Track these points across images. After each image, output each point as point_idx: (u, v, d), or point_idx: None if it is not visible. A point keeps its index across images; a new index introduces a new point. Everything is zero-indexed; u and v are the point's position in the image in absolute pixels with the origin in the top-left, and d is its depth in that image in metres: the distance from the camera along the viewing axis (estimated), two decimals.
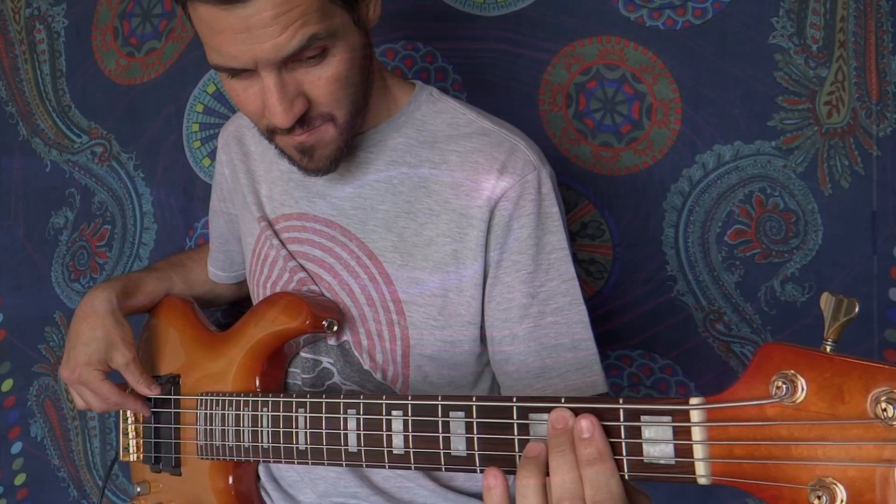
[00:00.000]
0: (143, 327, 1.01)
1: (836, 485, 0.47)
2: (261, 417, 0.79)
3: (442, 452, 0.65)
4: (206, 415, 0.86)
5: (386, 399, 0.69)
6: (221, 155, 1.00)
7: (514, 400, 0.62)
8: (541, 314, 0.80)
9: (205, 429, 0.86)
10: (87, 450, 1.38)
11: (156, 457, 0.93)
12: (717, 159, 0.98)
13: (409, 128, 0.85)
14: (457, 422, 0.64)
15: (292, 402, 0.77)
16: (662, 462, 0.54)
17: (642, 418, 0.55)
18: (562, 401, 0.58)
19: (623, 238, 1.04)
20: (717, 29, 0.97)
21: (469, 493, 0.88)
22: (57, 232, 1.36)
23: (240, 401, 0.82)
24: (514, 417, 0.61)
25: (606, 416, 0.56)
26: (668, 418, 0.54)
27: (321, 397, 0.74)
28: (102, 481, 1.36)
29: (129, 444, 0.96)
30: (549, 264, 0.80)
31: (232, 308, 1.19)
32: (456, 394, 0.68)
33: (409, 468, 0.68)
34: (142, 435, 0.95)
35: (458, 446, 0.64)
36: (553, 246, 0.81)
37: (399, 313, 0.83)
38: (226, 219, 1.03)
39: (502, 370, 0.83)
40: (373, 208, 0.84)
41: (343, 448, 0.72)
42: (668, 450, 0.54)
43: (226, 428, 0.83)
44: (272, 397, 0.79)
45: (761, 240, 0.97)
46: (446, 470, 0.65)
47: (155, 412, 0.93)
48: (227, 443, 0.83)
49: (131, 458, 0.96)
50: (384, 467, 0.69)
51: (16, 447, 1.41)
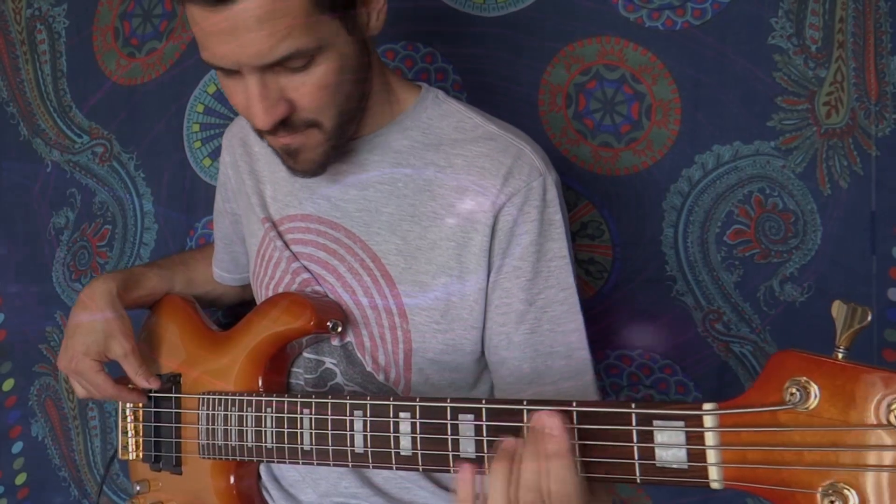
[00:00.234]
0: (142, 325, 1.01)
1: (848, 490, 0.47)
2: (264, 418, 0.80)
3: (451, 454, 0.65)
4: (208, 414, 0.86)
5: (393, 400, 0.69)
6: (225, 156, 1.00)
7: (524, 403, 0.62)
8: (537, 321, 0.80)
9: (207, 428, 0.86)
10: (87, 449, 1.38)
11: (156, 455, 0.93)
12: (716, 159, 0.98)
13: (414, 130, 0.85)
14: (466, 424, 0.64)
15: (297, 402, 0.77)
16: (675, 466, 0.54)
17: (655, 423, 0.55)
18: (573, 404, 0.59)
19: (623, 238, 1.04)
20: (717, 29, 0.97)
21: None
22: (58, 232, 1.36)
23: (243, 400, 0.82)
24: (525, 420, 0.62)
25: (618, 420, 0.57)
26: (680, 423, 0.54)
27: (326, 398, 0.74)
28: (101, 478, 1.36)
29: (128, 442, 0.96)
30: (549, 272, 0.80)
31: (233, 308, 1.19)
32: (456, 395, 0.68)
33: (417, 469, 0.68)
34: (141, 434, 0.95)
35: (468, 448, 0.65)
36: (554, 253, 0.81)
37: (402, 316, 0.83)
38: (231, 219, 1.02)
39: (497, 374, 0.84)
40: (377, 211, 0.84)
41: (349, 449, 0.72)
42: (681, 454, 0.54)
43: (228, 428, 0.83)
44: (276, 397, 0.79)
45: (760, 240, 0.97)
46: (455, 472, 0.65)
47: (155, 411, 0.93)
48: (229, 442, 0.83)
49: (130, 457, 0.96)
50: (391, 468, 0.69)
51: (17, 447, 1.41)
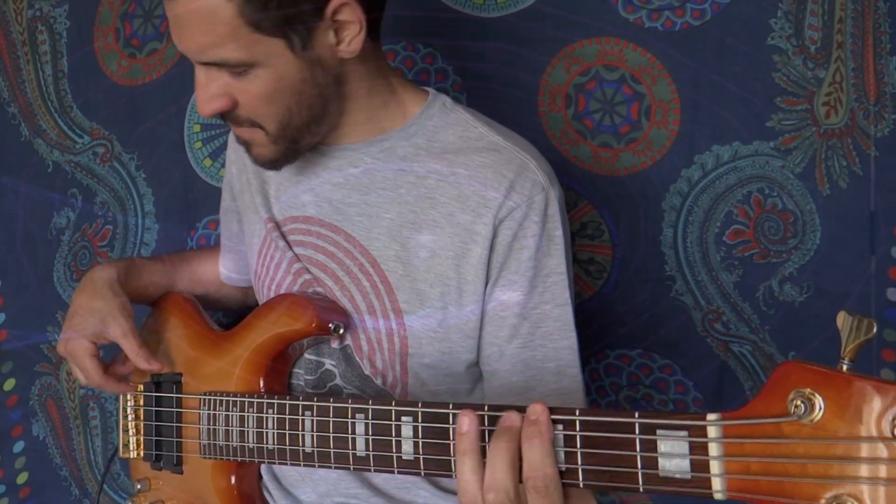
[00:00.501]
0: (144, 323, 1.00)
1: (851, 502, 0.47)
2: (266, 419, 0.80)
3: (453, 460, 0.64)
4: (209, 414, 0.86)
5: (396, 405, 0.69)
6: (231, 153, 1.00)
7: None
8: (531, 336, 0.80)
9: (208, 428, 0.86)
10: (88, 449, 1.39)
11: (156, 454, 0.93)
12: (715, 160, 0.99)
13: (419, 137, 0.84)
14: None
15: (298, 404, 0.77)
16: (678, 476, 0.54)
17: (658, 432, 0.55)
18: (576, 413, 0.59)
19: (622, 238, 1.04)
20: (716, 30, 0.97)
21: None
22: (59, 232, 1.36)
23: (244, 401, 0.82)
24: None
25: (621, 429, 0.56)
26: (684, 433, 0.54)
27: (328, 400, 0.74)
28: (101, 476, 1.36)
29: (129, 440, 0.96)
30: (545, 288, 0.80)
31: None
32: (453, 400, 0.68)
33: (419, 474, 0.68)
34: (142, 432, 0.95)
35: None
36: (551, 269, 0.80)
37: (399, 322, 0.83)
38: (238, 218, 1.02)
39: (488, 384, 0.84)
40: (378, 216, 0.84)
41: (351, 452, 0.72)
42: (685, 464, 0.54)
43: (230, 428, 0.83)
44: (278, 399, 0.79)
45: (759, 240, 0.98)
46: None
47: (156, 410, 0.93)
48: (230, 443, 0.83)
49: (131, 455, 0.96)
50: (393, 472, 0.69)
51: (18, 446, 1.42)
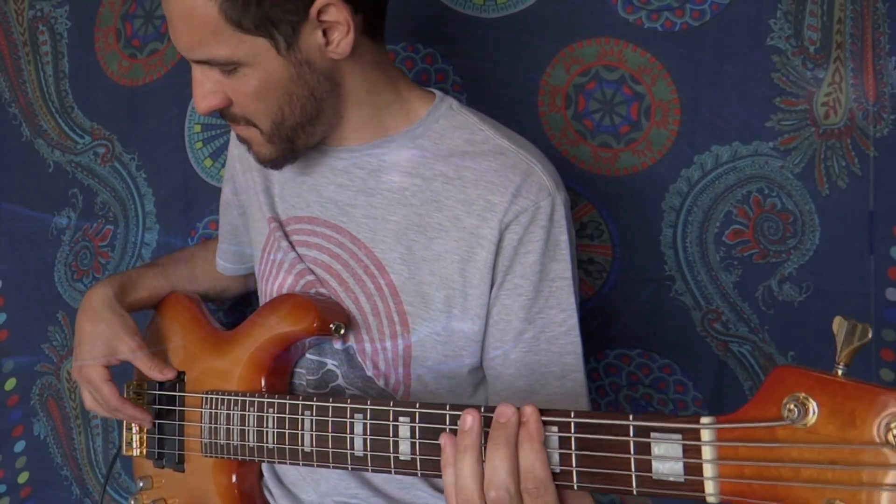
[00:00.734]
0: (147, 324, 1.01)
1: None
2: (266, 418, 0.80)
3: None
4: (210, 413, 0.86)
5: (393, 405, 0.69)
6: (233, 150, 1.00)
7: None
8: (535, 340, 0.80)
9: (209, 427, 0.86)
10: (89, 448, 1.39)
11: (159, 452, 0.94)
12: (715, 160, 0.99)
13: (425, 140, 0.84)
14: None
15: (298, 404, 0.77)
16: (672, 479, 0.54)
17: (652, 435, 0.55)
18: (571, 415, 0.59)
19: (622, 238, 1.04)
20: (715, 30, 0.97)
21: None
22: (60, 232, 1.36)
23: (245, 400, 0.83)
24: None
25: (616, 431, 0.57)
26: (678, 436, 0.54)
27: (328, 400, 0.74)
28: (104, 475, 1.36)
29: (132, 438, 0.96)
30: (550, 292, 0.80)
31: (235, 308, 1.20)
32: (455, 402, 0.68)
33: (416, 474, 0.68)
34: (145, 430, 0.96)
35: None
36: (556, 274, 0.80)
37: (403, 325, 0.83)
38: (240, 211, 1.02)
39: (492, 387, 0.84)
40: (384, 218, 0.84)
41: (349, 452, 0.72)
42: (678, 467, 0.54)
43: (231, 427, 0.84)
44: (278, 398, 0.79)
45: (759, 240, 0.98)
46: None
47: (159, 408, 0.93)
48: (231, 442, 0.84)
49: (134, 453, 0.96)
50: (390, 472, 0.69)
51: (19, 446, 1.42)
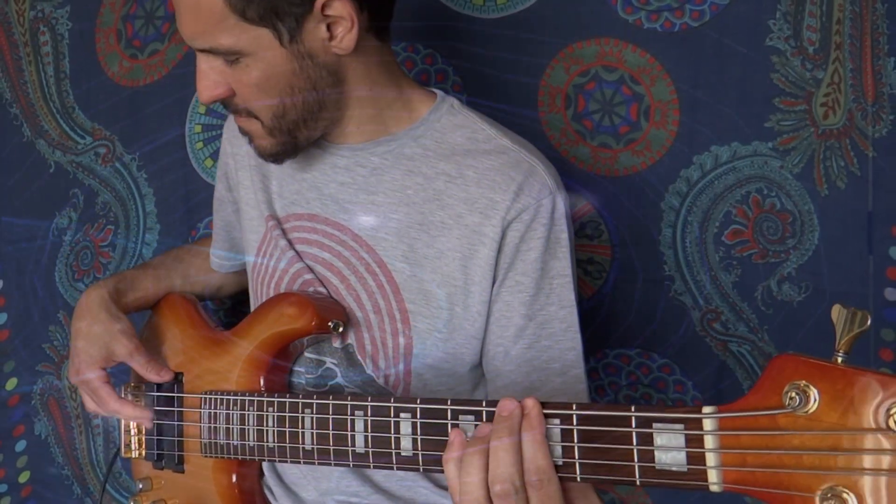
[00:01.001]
0: (144, 326, 1.01)
1: (846, 493, 0.47)
2: (266, 417, 0.80)
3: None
4: (210, 413, 0.86)
5: (394, 401, 0.69)
6: (227, 146, 1.00)
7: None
8: (536, 337, 0.81)
9: (209, 427, 0.87)
10: (90, 448, 1.39)
11: (158, 454, 0.93)
12: (714, 160, 0.99)
13: (427, 138, 0.85)
14: (467, 425, 0.64)
15: (298, 402, 0.77)
16: (674, 469, 0.54)
17: (654, 426, 0.55)
18: (573, 407, 0.59)
19: (621, 238, 1.04)
20: (715, 31, 0.97)
21: None
22: (61, 232, 1.37)
23: (245, 400, 0.83)
24: None
25: (618, 422, 0.57)
26: (680, 426, 0.54)
27: (328, 398, 0.75)
28: (104, 476, 1.36)
29: (131, 440, 0.96)
30: (551, 289, 0.81)
31: (235, 308, 1.20)
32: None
33: (418, 470, 0.69)
34: (144, 432, 0.95)
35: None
36: (557, 272, 0.81)
37: (404, 322, 0.83)
38: (234, 207, 1.02)
39: (492, 384, 0.84)
40: (385, 216, 0.84)
41: (350, 449, 0.72)
42: (681, 457, 0.54)
43: (230, 427, 0.84)
44: (278, 397, 0.79)
45: (758, 240, 0.98)
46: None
47: (158, 409, 0.93)
48: (231, 441, 0.84)
49: (133, 455, 0.96)
50: (392, 469, 0.70)
51: (20, 445, 1.42)
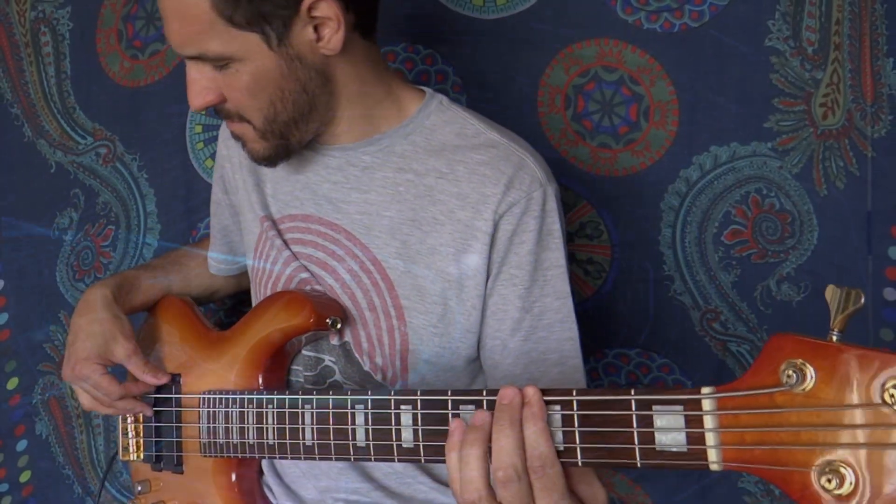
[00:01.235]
0: (140, 327, 1.01)
1: (844, 468, 0.48)
2: (265, 414, 0.80)
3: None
4: (209, 413, 0.87)
5: (394, 394, 0.70)
6: (222, 149, 1.01)
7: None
8: (533, 328, 0.81)
9: (208, 426, 0.87)
10: (91, 447, 1.39)
11: (156, 455, 0.93)
12: (713, 160, 0.99)
13: (417, 135, 0.85)
14: (468, 415, 0.65)
15: (298, 398, 0.77)
16: (675, 450, 0.55)
17: (654, 408, 0.56)
18: (573, 393, 0.60)
19: (621, 238, 1.05)
20: (714, 31, 0.97)
21: None
22: (62, 232, 1.37)
23: (244, 398, 0.83)
24: None
25: (618, 406, 0.57)
26: (679, 407, 0.55)
27: (327, 393, 0.75)
28: (101, 477, 1.36)
29: (128, 443, 0.96)
30: (546, 281, 0.81)
31: (235, 308, 1.20)
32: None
33: (419, 461, 0.69)
34: (142, 434, 0.95)
35: None
36: (551, 263, 0.81)
37: (400, 318, 0.84)
38: (231, 211, 1.03)
39: (491, 377, 0.85)
40: (378, 214, 0.85)
41: (351, 443, 0.73)
42: (681, 438, 0.55)
43: (230, 425, 0.84)
44: (277, 394, 0.80)
45: (757, 240, 0.98)
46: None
47: (155, 411, 0.93)
48: (231, 440, 0.84)
49: (132, 458, 0.96)
50: (393, 461, 0.70)
51: (21, 445, 1.42)
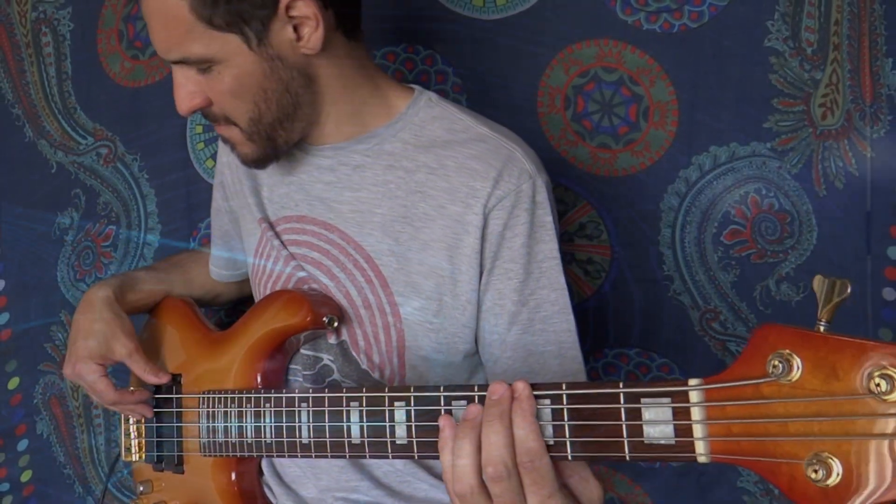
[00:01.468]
0: (142, 328, 1.01)
1: (831, 459, 0.48)
2: (263, 413, 0.81)
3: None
4: (208, 412, 0.87)
5: (388, 391, 0.70)
6: (222, 156, 1.01)
7: None
8: (530, 321, 0.81)
9: (207, 426, 0.87)
10: (91, 447, 1.40)
11: (158, 456, 0.94)
12: (713, 161, 0.99)
13: (406, 132, 0.86)
14: (460, 410, 0.65)
15: (294, 397, 0.78)
16: (663, 442, 0.55)
17: (642, 401, 0.56)
18: (563, 387, 0.60)
19: (621, 238, 1.05)
20: (714, 32, 0.98)
21: None
22: (63, 232, 1.37)
23: (242, 397, 0.83)
24: None
25: (607, 400, 0.58)
26: (667, 399, 0.55)
27: (323, 391, 0.75)
28: (105, 476, 1.37)
29: (130, 444, 0.96)
30: (541, 273, 0.81)
31: (235, 308, 1.20)
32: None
33: (413, 457, 0.69)
34: (143, 435, 0.96)
35: None
36: (545, 255, 0.82)
37: (395, 315, 0.84)
38: (230, 217, 1.03)
39: (490, 372, 0.85)
40: (370, 212, 0.85)
41: (346, 440, 0.73)
42: (668, 430, 0.55)
43: (228, 425, 0.84)
44: (274, 393, 0.80)
45: (756, 240, 0.98)
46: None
47: (156, 412, 0.93)
48: (229, 439, 0.84)
49: (133, 459, 0.96)
50: (387, 457, 0.70)
51: (22, 444, 1.43)
